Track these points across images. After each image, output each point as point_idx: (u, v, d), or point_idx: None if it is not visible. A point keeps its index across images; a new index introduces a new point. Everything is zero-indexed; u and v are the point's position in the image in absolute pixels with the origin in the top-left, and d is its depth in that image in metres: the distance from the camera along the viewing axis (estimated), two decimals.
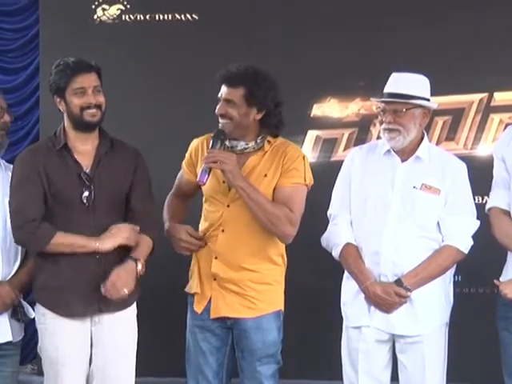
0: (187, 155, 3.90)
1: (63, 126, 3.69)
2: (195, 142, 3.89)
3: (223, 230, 3.72)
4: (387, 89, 3.81)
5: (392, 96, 3.75)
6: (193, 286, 3.82)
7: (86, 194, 3.59)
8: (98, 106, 3.62)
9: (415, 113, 3.76)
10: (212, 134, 3.73)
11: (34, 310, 3.80)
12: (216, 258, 3.73)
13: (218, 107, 3.73)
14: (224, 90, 3.72)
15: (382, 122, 3.79)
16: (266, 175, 3.71)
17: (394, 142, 3.75)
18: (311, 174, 3.78)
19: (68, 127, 3.68)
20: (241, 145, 3.74)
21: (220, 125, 3.73)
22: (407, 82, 3.79)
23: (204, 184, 3.69)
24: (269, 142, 3.77)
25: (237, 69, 3.71)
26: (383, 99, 3.78)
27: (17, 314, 3.77)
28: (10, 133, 5.72)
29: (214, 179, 3.73)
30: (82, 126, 3.64)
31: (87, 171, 3.63)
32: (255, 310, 3.73)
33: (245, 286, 3.73)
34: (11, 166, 3.93)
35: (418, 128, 3.79)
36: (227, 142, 3.73)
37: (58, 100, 3.64)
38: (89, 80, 3.61)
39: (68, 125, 3.68)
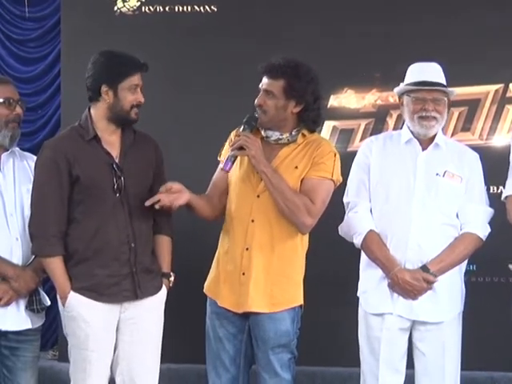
0: (224, 148, 3.87)
1: (90, 116, 3.61)
2: (232, 133, 3.86)
3: (253, 221, 3.72)
4: (424, 77, 3.80)
5: (433, 85, 3.78)
6: None
7: (117, 183, 3.55)
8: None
9: (446, 101, 3.82)
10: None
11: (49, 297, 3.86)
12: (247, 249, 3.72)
13: (257, 98, 3.73)
14: (265, 80, 3.71)
15: (416, 111, 3.78)
16: (296, 167, 3.70)
17: (433, 130, 3.80)
18: (340, 172, 3.77)
19: (99, 117, 3.60)
20: (275, 135, 3.74)
21: (256, 114, 3.73)
22: (437, 72, 3.84)
23: (228, 172, 3.69)
24: (303, 135, 3.76)
25: (279, 60, 3.69)
26: (430, 87, 3.77)
27: (32, 303, 3.77)
28: (29, 122, 5.87)
29: (249, 168, 3.74)
30: (125, 121, 3.60)
31: (117, 161, 3.60)
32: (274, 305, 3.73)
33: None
34: (28, 154, 3.94)
35: None
36: (263, 132, 3.75)
37: (105, 89, 3.54)
38: (141, 79, 3.59)
39: (100, 115, 3.59)
